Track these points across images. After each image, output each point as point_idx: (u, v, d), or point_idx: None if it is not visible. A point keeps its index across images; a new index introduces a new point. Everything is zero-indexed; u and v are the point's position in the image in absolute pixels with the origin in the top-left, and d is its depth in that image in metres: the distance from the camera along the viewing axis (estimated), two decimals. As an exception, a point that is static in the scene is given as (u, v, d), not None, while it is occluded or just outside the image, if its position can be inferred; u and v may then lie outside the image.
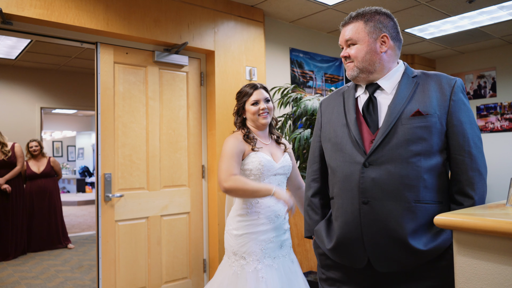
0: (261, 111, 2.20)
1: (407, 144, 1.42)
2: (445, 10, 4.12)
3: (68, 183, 13.49)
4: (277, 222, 2.16)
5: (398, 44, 1.56)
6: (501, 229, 1.05)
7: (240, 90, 2.32)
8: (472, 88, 5.84)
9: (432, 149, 1.42)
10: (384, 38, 1.51)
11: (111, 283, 3.11)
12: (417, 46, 5.43)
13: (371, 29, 1.51)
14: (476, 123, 1.47)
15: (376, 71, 1.53)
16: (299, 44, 4.51)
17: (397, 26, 1.57)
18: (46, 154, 5.76)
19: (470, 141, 1.43)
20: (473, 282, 1.13)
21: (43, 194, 5.60)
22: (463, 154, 1.43)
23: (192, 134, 3.61)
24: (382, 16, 1.54)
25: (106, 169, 3.12)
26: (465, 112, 1.45)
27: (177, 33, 3.39)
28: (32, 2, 2.72)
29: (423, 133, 1.42)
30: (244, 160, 2.13)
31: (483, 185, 1.43)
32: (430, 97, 1.46)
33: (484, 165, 1.45)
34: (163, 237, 3.38)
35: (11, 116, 6.36)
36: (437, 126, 1.42)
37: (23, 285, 4.14)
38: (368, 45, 1.51)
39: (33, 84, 6.63)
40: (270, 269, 2.08)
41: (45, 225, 5.61)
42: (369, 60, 1.51)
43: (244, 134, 2.18)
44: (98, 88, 3.11)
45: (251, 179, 2.13)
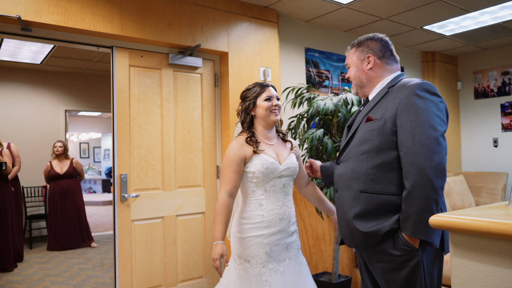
0: (273, 107, 2.15)
1: (358, 145, 1.77)
2: (464, 6, 4.02)
3: (94, 183, 13.85)
4: (281, 225, 2.11)
5: (386, 60, 1.87)
6: (496, 230, 1.03)
7: (248, 88, 2.23)
8: (496, 85, 5.67)
9: (380, 148, 1.70)
10: (369, 58, 1.87)
11: (128, 281, 3.18)
12: (437, 43, 5.31)
13: (359, 53, 1.90)
14: (429, 122, 1.61)
15: (365, 86, 1.90)
16: (314, 43, 4.49)
17: (387, 46, 1.90)
18: (70, 156, 5.94)
19: (411, 139, 1.61)
20: (469, 284, 1.11)
21: (66, 195, 5.77)
22: (403, 150, 1.64)
23: (207, 135, 3.65)
24: (370, 40, 1.90)
25: (122, 169, 3.19)
26: (412, 113, 1.63)
27: (190, 35, 3.44)
28: (49, 8, 2.82)
29: (370, 135, 1.73)
30: (247, 164, 2.10)
31: (422, 180, 1.56)
32: (386, 105, 1.74)
33: (428, 161, 1.57)
34: (179, 236, 3.44)
35: (37, 119, 6.58)
36: (384, 128, 1.69)
37: (47, 282, 4.28)
38: (356, 66, 1.91)
39: (57, 87, 6.84)
40: (274, 273, 2.05)
41: (67, 225, 5.77)
42: (358, 78, 1.90)
43: (247, 137, 2.13)
44: (114, 90, 3.19)
45: (254, 182, 2.10)
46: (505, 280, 1.04)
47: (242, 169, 2.11)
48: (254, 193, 2.12)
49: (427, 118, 1.61)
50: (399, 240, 1.64)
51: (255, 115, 2.18)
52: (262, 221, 2.08)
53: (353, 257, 3.50)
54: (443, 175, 1.59)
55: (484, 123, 5.79)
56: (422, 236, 1.58)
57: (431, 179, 1.56)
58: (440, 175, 1.57)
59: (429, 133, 1.59)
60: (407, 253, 1.63)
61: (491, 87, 5.73)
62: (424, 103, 1.64)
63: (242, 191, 2.18)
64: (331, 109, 3.12)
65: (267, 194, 2.11)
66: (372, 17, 4.27)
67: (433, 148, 1.58)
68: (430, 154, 1.57)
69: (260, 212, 2.09)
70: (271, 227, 2.09)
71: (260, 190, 2.11)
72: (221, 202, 2.03)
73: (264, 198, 2.11)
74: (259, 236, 2.07)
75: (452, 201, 4.84)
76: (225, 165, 2.09)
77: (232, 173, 2.06)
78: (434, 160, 1.57)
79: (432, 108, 1.64)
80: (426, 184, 1.56)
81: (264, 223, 2.08)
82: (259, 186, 2.10)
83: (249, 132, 2.17)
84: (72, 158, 5.95)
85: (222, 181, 2.09)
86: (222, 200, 2.03)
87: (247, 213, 2.12)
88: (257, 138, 2.17)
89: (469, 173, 5.50)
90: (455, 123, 5.97)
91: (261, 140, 2.18)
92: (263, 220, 2.08)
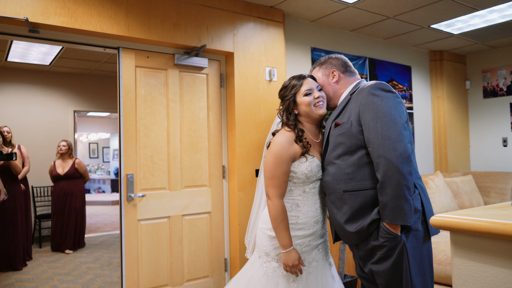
0: (316, 100, 1.99)
1: (333, 149, 1.91)
2: (472, 4, 3.98)
3: (103, 183, 13.95)
4: (315, 228, 2.02)
5: (348, 73, 2.08)
6: (496, 230, 1.02)
7: (285, 85, 2.07)
8: (506, 84, 5.60)
9: (351, 149, 1.84)
10: (334, 72, 2.06)
11: (134, 280, 3.20)
12: (445, 42, 5.26)
13: (324, 70, 2.10)
14: (387, 116, 1.75)
15: (332, 98, 2.06)
16: (320, 43, 4.48)
17: (346, 62, 2.12)
18: (74, 156, 5.83)
19: (375, 133, 1.75)
20: (470, 284, 1.10)
21: (65, 196, 5.63)
22: (370, 145, 1.78)
23: (213, 135, 3.67)
24: (331, 59, 2.11)
25: (129, 169, 3.22)
26: (371, 110, 1.78)
27: (196, 36, 3.46)
28: (56, 10, 2.85)
29: (341, 138, 1.87)
30: (293, 162, 1.97)
31: (390, 169, 1.69)
32: (350, 109, 1.89)
33: (393, 151, 1.70)
34: (185, 236, 3.46)
35: (46, 119, 6.65)
36: (351, 130, 1.84)
37: (56, 280, 4.33)
38: (323, 81, 2.09)
39: (66, 88, 6.91)
40: (302, 273, 1.97)
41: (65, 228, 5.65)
42: (325, 92, 2.07)
43: (297, 136, 1.96)
44: (121, 91, 3.22)
45: (294, 181, 1.98)
46: (506, 280, 1.03)
47: (290, 169, 1.97)
48: (291, 192, 2.01)
49: (385, 113, 1.76)
50: (381, 229, 1.76)
51: (299, 113, 2.03)
52: (297, 222, 1.99)
53: (359, 257, 3.49)
54: (409, 161, 1.71)
55: (493, 123, 5.73)
56: (400, 221, 1.69)
57: (398, 167, 1.69)
58: (406, 161, 1.70)
59: (389, 126, 1.74)
60: (390, 241, 1.74)
61: (500, 86, 5.67)
62: (380, 100, 1.79)
63: None
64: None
65: (306, 195, 2.00)
66: (379, 16, 4.25)
67: (395, 138, 1.71)
68: (394, 144, 1.71)
69: (295, 213, 1.99)
70: (305, 229, 1.99)
71: (299, 191, 2.00)
72: (280, 208, 1.92)
73: (302, 200, 2.00)
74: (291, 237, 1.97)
75: (461, 201, 4.80)
76: (273, 165, 1.92)
77: (283, 175, 1.93)
78: (398, 149, 1.70)
79: (388, 103, 1.78)
80: (394, 172, 1.69)
81: (299, 225, 1.99)
82: (298, 186, 2.00)
83: (298, 130, 1.99)
84: (75, 158, 5.82)
85: (272, 184, 1.93)
86: (280, 206, 1.92)
87: None
88: (306, 137, 2.01)
89: (478, 173, 5.44)
90: (463, 123, 5.91)
91: (309, 138, 2.03)
92: (297, 222, 1.99)
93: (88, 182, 14.44)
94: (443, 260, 3.11)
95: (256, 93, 3.73)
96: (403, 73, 5.32)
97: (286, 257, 1.90)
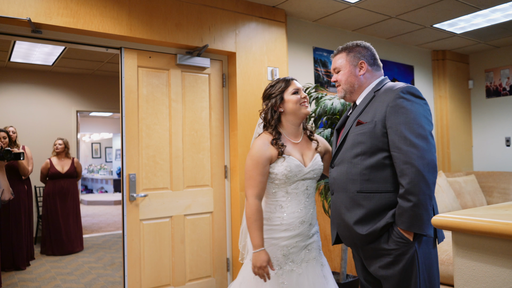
0: (302, 99, 2.05)
1: (351, 148, 1.84)
2: (475, 4, 3.97)
3: (106, 183, 13.98)
4: (301, 229, 2.02)
5: (375, 67, 1.97)
6: (498, 230, 1.02)
7: (272, 85, 2.12)
8: (509, 83, 5.58)
9: (371, 150, 1.78)
10: (362, 64, 1.93)
11: (137, 280, 3.21)
12: (448, 41, 5.25)
13: (351, 58, 1.94)
14: (417, 122, 1.70)
15: (355, 91, 1.94)
16: (323, 43, 4.48)
17: (374, 54, 1.99)
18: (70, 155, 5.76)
19: (402, 139, 1.69)
20: (472, 284, 1.10)
21: (65, 195, 5.56)
22: (395, 150, 1.72)
23: (215, 135, 3.67)
24: (360, 47, 1.96)
25: (131, 169, 3.22)
26: (401, 115, 1.72)
27: (198, 36, 3.46)
28: (59, 11, 2.86)
29: (362, 138, 1.81)
30: (272, 164, 2.02)
31: (416, 177, 1.64)
32: (375, 108, 1.81)
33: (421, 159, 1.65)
34: (187, 236, 3.46)
35: (49, 119, 6.67)
36: (375, 131, 1.77)
37: (59, 280, 4.34)
38: (349, 71, 1.93)
39: (69, 88, 6.93)
40: (291, 274, 1.99)
41: (65, 228, 5.52)
42: (350, 82, 1.93)
43: (273, 139, 2.03)
44: (123, 91, 3.22)
45: (276, 183, 2.02)
46: (508, 280, 1.03)
47: (268, 170, 2.02)
48: (275, 194, 2.05)
49: (415, 119, 1.70)
50: (394, 233, 1.71)
51: (284, 111, 2.07)
52: (281, 223, 2.01)
53: (361, 257, 3.48)
54: (435, 171, 1.68)
55: (496, 122, 5.71)
56: (417, 229, 1.65)
57: (425, 176, 1.64)
58: (432, 171, 1.66)
59: (418, 133, 1.69)
60: (402, 246, 1.70)
61: (503, 86, 5.65)
62: (411, 105, 1.73)
63: None
64: (338, 109, 3.11)
65: (289, 196, 2.03)
66: (381, 16, 4.25)
67: (424, 146, 1.67)
68: (422, 152, 1.66)
69: (279, 214, 2.02)
70: (290, 230, 2.01)
71: (282, 192, 2.03)
72: (254, 207, 1.95)
73: (285, 201, 2.03)
74: (276, 239, 2.00)
75: (463, 201, 4.78)
76: (250, 166, 1.99)
77: (259, 175, 1.98)
78: (426, 158, 1.66)
79: (418, 109, 1.73)
80: (420, 180, 1.64)
81: (283, 226, 2.01)
82: (281, 187, 2.03)
83: (276, 133, 2.06)
84: (73, 157, 5.77)
85: (250, 184, 1.99)
86: (254, 205, 1.96)
87: (266, 214, 2.04)
88: (283, 139, 2.07)
89: (481, 172, 5.42)
90: (466, 122, 5.89)
91: (288, 140, 2.09)
92: (282, 223, 2.01)
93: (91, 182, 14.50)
94: (446, 260, 3.10)
95: (258, 93, 3.73)
96: (406, 73, 5.31)
97: (255, 257, 1.91)
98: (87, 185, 14.51)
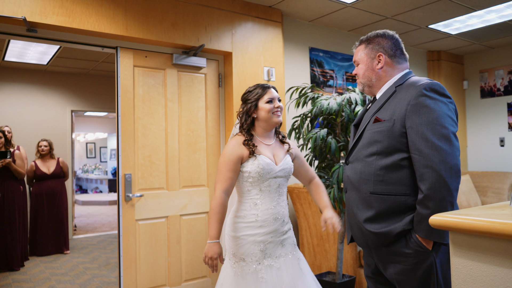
0: (275, 109, 2.17)
1: (367, 146, 1.74)
2: (470, 5, 3.99)
3: (101, 183, 13.93)
4: (275, 225, 2.13)
5: (396, 59, 1.83)
6: (495, 230, 1.02)
7: (249, 90, 2.23)
8: (503, 84, 5.62)
9: (388, 150, 1.67)
10: (380, 57, 1.81)
11: (132, 280, 3.20)
12: (443, 42, 5.28)
13: (369, 50, 1.84)
14: (440, 123, 1.57)
15: (374, 85, 1.84)
16: (319, 43, 4.49)
17: (398, 44, 1.85)
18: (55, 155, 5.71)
19: (423, 140, 1.57)
20: (469, 284, 1.10)
21: (53, 196, 5.50)
22: (415, 153, 1.60)
23: (211, 134, 3.66)
24: (380, 38, 1.85)
25: (127, 169, 3.21)
26: (423, 114, 1.60)
27: (194, 35, 3.45)
28: (54, 10, 2.84)
29: (378, 136, 1.70)
30: (243, 163, 2.12)
31: (438, 182, 1.53)
32: (395, 105, 1.69)
33: (442, 163, 1.54)
34: (183, 236, 3.45)
35: (43, 119, 6.63)
36: (393, 130, 1.66)
37: (53, 281, 4.31)
38: (366, 64, 1.84)
39: (64, 88, 6.89)
40: (270, 269, 2.08)
41: (53, 229, 5.47)
42: (367, 76, 1.84)
43: (245, 140, 2.15)
44: (119, 91, 3.21)
45: (250, 181, 2.12)
46: (505, 280, 1.03)
47: (239, 168, 2.12)
48: (249, 192, 2.14)
49: (438, 119, 1.57)
50: (412, 241, 1.61)
51: (257, 117, 2.19)
52: (256, 220, 2.10)
53: (357, 257, 3.49)
54: (458, 177, 1.55)
55: (490, 123, 5.75)
56: (437, 238, 1.55)
57: (447, 181, 1.53)
58: (455, 176, 1.54)
59: (441, 135, 1.56)
60: (420, 254, 1.60)
61: (497, 86, 5.69)
62: (434, 103, 1.60)
63: (238, 191, 2.20)
64: (335, 109, 3.11)
65: (262, 194, 2.13)
66: (377, 16, 4.26)
67: (447, 149, 1.55)
68: (444, 156, 1.54)
69: (254, 211, 2.11)
70: (265, 226, 2.10)
71: (255, 190, 2.13)
72: (219, 200, 2.04)
73: (259, 198, 2.12)
74: (253, 235, 2.09)
75: (458, 201, 4.81)
76: (222, 163, 2.11)
77: (229, 171, 2.08)
78: (449, 162, 1.54)
79: (442, 108, 1.60)
80: (442, 186, 1.53)
81: (258, 222, 2.10)
82: (255, 186, 2.12)
83: (248, 135, 2.17)
84: (58, 157, 5.72)
85: (219, 179, 2.10)
86: (219, 199, 2.05)
87: (242, 212, 2.13)
88: (255, 140, 2.19)
89: (475, 172, 5.46)
90: (461, 122, 5.93)
91: (259, 141, 2.20)
92: (257, 220, 2.10)
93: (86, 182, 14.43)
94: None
95: (255, 93, 3.72)
96: (401, 73, 5.33)
97: (208, 248, 2.01)
98: (81, 185, 14.45)
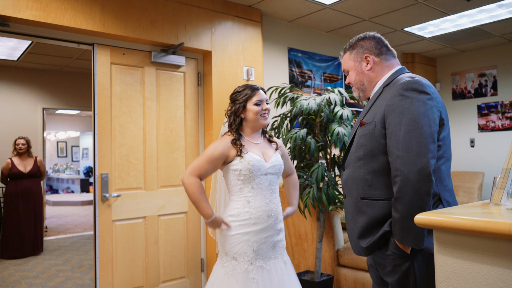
0: (263, 111, 2.19)
1: (355, 151, 1.70)
2: (444, 9, 4.11)
3: (72, 183, 13.58)
4: (269, 222, 2.15)
5: (384, 56, 1.77)
6: (478, 228, 1.05)
7: (238, 90, 2.23)
8: (473, 86, 5.81)
9: (373, 153, 1.62)
10: (367, 58, 1.77)
11: (109, 282, 3.13)
12: (417, 45, 5.41)
13: (355, 55, 1.81)
14: (415, 125, 1.50)
15: (367, 88, 1.79)
16: (297, 43, 4.51)
17: (381, 41, 1.80)
18: (32, 154, 5.55)
19: (396, 142, 1.53)
20: (452, 281, 1.13)
21: (28, 196, 5.36)
22: (390, 155, 1.56)
23: (190, 134, 3.63)
24: (362, 41, 1.81)
25: (103, 169, 3.14)
26: (397, 114, 1.54)
27: (174, 33, 3.41)
28: (28, 4, 2.75)
29: (363, 140, 1.66)
30: (231, 162, 2.13)
31: (405, 185, 1.48)
32: (377, 107, 1.65)
33: (411, 166, 1.48)
34: (161, 236, 3.40)
35: (13, 117, 6.40)
36: (374, 132, 1.61)
37: (24, 284, 4.17)
38: (355, 69, 1.80)
39: (35, 85, 6.67)
40: (261, 270, 2.08)
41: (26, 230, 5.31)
42: (359, 81, 1.80)
43: (233, 139, 2.16)
44: (95, 88, 3.13)
45: (241, 179, 2.12)
46: (487, 277, 1.06)
47: (219, 166, 2.16)
48: (241, 190, 2.15)
49: (412, 119, 1.50)
50: (391, 243, 1.58)
51: (245, 117, 2.21)
52: (250, 217, 2.11)
53: (335, 256, 3.53)
54: (428, 180, 1.46)
55: (461, 124, 5.93)
56: (409, 243, 1.50)
57: (414, 185, 1.46)
58: (424, 180, 1.46)
59: (413, 135, 1.49)
60: (397, 258, 1.57)
61: (468, 89, 5.87)
62: (410, 103, 1.53)
63: (230, 190, 2.20)
64: (314, 109, 3.14)
65: (254, 191, 2.14)
66: (355, 18, 4.32)
67: (417, 151, 1.48)
68: (414, 158, 1.47)
69: (247, 209, 2.12)
70: (259, 224, 2.12)
71: (247, 188, 2.13)
72: (197, 182, 2.08)
73: (252, 196, 2.13)
74: (247, 234, 2.10)
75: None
76: (206, 153, 2.12)
77: (208, 163, 2.10)
78: (417, 165, 1.47)
79: (418, 108, 1.51)
80: (409, 190, 1.47)
81: (252, 219, 2.11)
82: (246, 183, 2.13)
83: (236, 135, 2.19)
84: (36, 156, 5.56)
85: (196, 165, 2.10)
86: (197, 182, 2.08)
87: (235, 210, 2.14)
88: (243, 140, 2.20)
89: (447, 172, 5.61)
90: (433, 124, 6.08)
91: (248, 141, 2.22)
92: (250, 217, 2.11)
93: (56, 182, 14.03)
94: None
95: (234, 92, 3.71)
96: (377, 75, 5.42)
97: (212, 224, 2.11)
98: (52, 185, 14.04)
